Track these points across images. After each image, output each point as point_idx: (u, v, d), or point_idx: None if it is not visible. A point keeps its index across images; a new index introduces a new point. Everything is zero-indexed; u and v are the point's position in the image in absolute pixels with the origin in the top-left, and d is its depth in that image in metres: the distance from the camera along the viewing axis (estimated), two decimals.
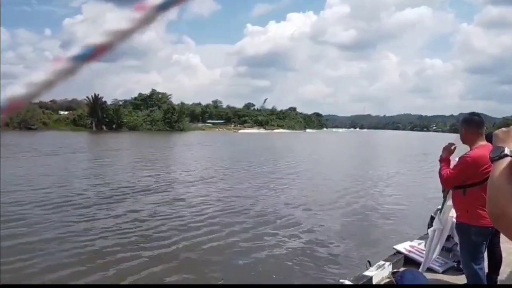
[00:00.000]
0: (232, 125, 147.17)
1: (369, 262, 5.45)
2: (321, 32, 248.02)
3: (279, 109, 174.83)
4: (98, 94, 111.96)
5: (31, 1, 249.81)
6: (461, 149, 4.32)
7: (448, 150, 4.40)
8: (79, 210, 12.92)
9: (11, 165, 23.99)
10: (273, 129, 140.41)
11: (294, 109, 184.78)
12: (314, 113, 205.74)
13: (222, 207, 13.99)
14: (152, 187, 17.76)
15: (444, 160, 4.38)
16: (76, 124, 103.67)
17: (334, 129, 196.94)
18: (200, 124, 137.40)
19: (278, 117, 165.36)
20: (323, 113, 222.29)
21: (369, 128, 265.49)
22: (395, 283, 4.00)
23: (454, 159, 4.39)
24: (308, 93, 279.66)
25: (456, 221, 4.41)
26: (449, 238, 5.31)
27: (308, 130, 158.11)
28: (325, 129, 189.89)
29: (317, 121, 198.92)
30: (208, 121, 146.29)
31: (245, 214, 13.14)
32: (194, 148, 47.15)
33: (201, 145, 52.63)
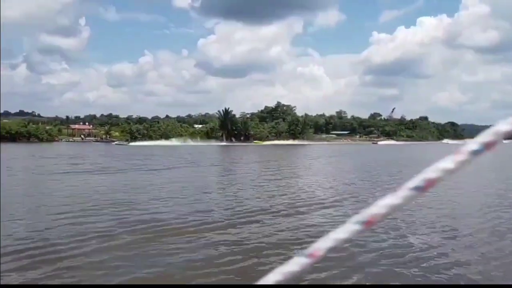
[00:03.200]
0: (358, 136, 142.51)
1: None
2: (456, 35, 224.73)
3: (408, 118, 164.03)
4: (228, 108, 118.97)
5: (169, 25, 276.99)
6: None
7: None
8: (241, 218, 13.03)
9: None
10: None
11: (425, 118, 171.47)
12: (449, 123, 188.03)
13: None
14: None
15: None
16: (208, 136, 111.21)
17: (445, 140, 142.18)
18: (324, 135, 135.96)
19: (408, 127, 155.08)
20: (459, 122, 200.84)
21: None
22: None
23: None
24: (441, 101, 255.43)
25: None
26: None
27: (381, 142, 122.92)
28: (444, 140, 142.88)
29: (452, 131, 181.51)
30: (332, 132, 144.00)
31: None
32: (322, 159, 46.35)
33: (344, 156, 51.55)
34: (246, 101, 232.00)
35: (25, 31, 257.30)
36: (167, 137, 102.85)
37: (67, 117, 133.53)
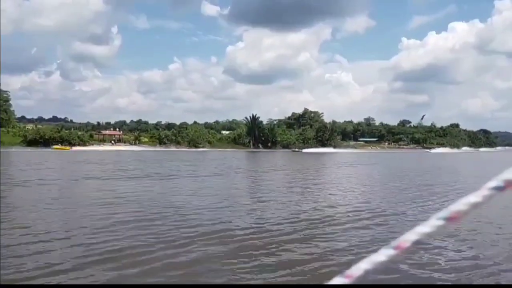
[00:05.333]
0: (386, 143, 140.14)
1: None
2: (488, 40, 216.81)
3: (438, 125, 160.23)
4: (256, 114, 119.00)
5: (198, 32, 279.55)
6: None
7: None
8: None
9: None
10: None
11: (456, 125, 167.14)
12: (481, 130, 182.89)
13: None
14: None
15: None
16: (235, 142, 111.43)
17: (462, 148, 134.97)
18: (352, 142, 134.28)
19: (438, 135, 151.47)
20: (492, 130, 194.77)
21: None
22: None
23: None
24: (472, 107, 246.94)
25: None
26: None
27: (306, 150, 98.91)
28: (429, 150, 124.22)
29: (484, 138, 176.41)
30: (360, 139, 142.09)
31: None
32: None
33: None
34: (273, 107, 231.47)
35: (59, 40, 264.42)
36: (195, 143, 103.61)
37: (98, 123, 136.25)
